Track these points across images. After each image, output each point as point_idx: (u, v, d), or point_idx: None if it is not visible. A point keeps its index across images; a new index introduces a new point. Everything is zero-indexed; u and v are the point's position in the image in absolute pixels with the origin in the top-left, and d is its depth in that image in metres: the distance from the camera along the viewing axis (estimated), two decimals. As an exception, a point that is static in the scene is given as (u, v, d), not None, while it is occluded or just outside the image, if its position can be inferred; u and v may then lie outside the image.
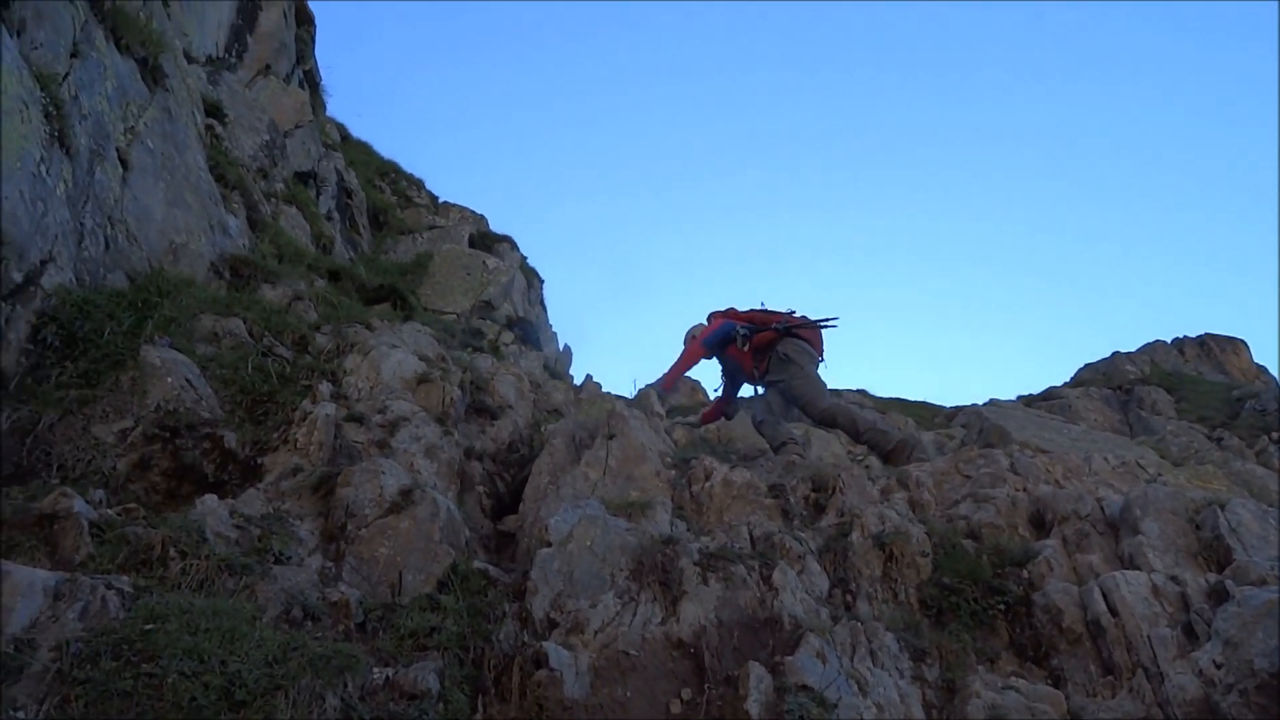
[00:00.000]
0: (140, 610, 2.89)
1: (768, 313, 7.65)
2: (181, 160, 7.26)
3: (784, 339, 7.37)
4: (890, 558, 4.94)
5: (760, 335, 7.44)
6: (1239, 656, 3.70)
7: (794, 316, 7.55)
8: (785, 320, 7.46)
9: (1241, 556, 4.60)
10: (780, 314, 7.59)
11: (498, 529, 5.62)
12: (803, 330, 7.43)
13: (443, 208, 19.19)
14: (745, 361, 7.52)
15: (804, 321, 7.47)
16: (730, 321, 7.53)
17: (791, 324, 7.43)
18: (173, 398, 4.82)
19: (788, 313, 7.60)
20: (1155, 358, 30.01)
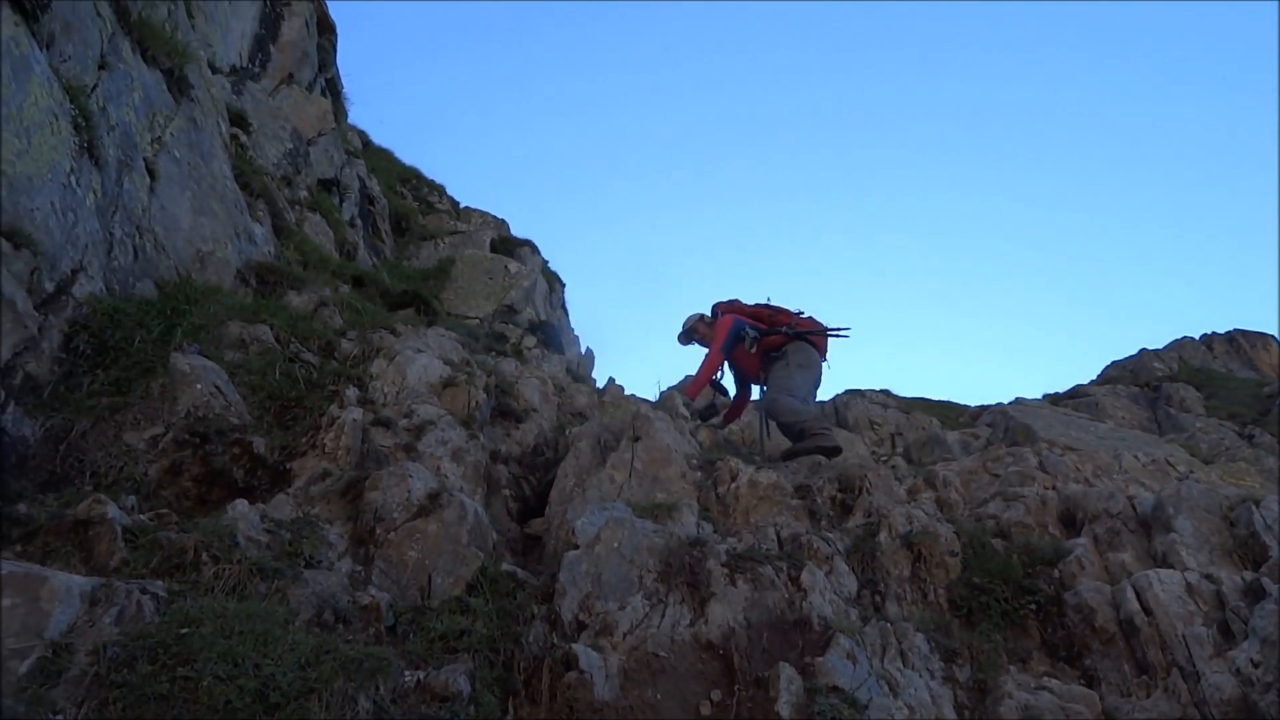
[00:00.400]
0: (175, 614, 2.92)
1: (775, 310, 7.58)
2: (207, 169, 7.33)
3: (791, 342, 7.30)
4: (919, 558, 4.91)
5: (768, 339, 7.38)
6: (1277, 655, 3.65)
7: (802, 318, 7.47)
8: (795, 324, 7.39)
9: (1277, 553, 4.54)
10: (789, 313, 7.51)
11: (524, 532, 5.63)
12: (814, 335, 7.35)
13: (464, 213, 19.29)
14: (751, 364, 7.46)
15: (813, 327, 7.39)
16: (740, 320, 7.45)
17: (801, 328, 7.35)
18: (202, 404, 4.87)
19: (796, 313, 7.52)
20: (1183, 354, 29.68)
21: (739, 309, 7.63)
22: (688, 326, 7.95)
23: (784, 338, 7.30)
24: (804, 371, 7.19)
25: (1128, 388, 26.05)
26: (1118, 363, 29.93)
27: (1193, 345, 30.61)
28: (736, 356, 7.51)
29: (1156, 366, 28.21)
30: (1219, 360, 29.70)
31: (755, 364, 7.43)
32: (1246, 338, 31.00)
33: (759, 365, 7.42)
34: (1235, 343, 30.81)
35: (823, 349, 7.42)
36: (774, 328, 7.39)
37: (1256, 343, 30.81)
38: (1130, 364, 29.27)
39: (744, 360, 7.47)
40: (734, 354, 7.50)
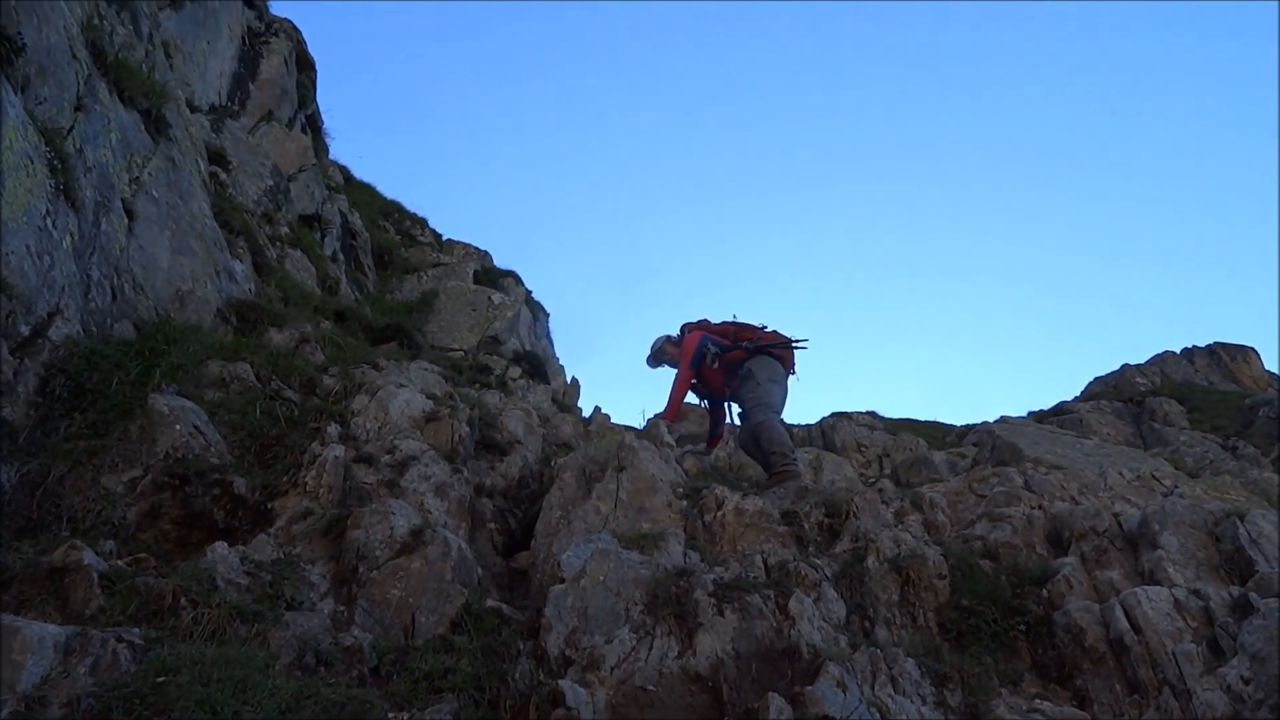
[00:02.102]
0: (152, 663, 2.86)
1: (740, 326, 7.62)
2: (186, 208, 7.31)
3: (754, 356, 7.34)
4: (907, 581, 4.89)
5: (730, 354, 7.41)
6: (1267, 671, 3.64)
7: (766, 332, 7.52)
8: (756, 339, 7.44)
9: (1264, 568, 4.54)
10: (753, 328, 7.56)
11: (510, 566, 5.58)
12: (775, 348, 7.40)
13: (446, 245, 19.31)
14: (716, 379, 7.50)
15: (774, 339, 7.44)
16: (705, 337, 7.50)
17: (762, 341, 7.40)
18: (181, 445, 4.82)
19: (760, 327, 7.57)
20: (1165, 369, 29.89)
21: (705, 327, 7.66)
22: (656, 349, 7.97)
23: (745, 353, 7.34)
24: (773, 384, 7.22)
25: (1111, 403, 26.20)
26: (1100, 378, 30.11)
27: (1174, 359, 30.85)
28: (702, 374, 7.54)
29: (1139, 381, 28.39)
30: (1200, 373, 29.92)
31: (719, 380, 7.46)
32: (1227, 350, 31.27)
33: (723, 381, 7.45)
34: (1216, 355, 31.07)
35: (788, 362, 7.46)
36: (737, 343, 7.43)
37: (1237, 355, 31.08)
38: (1113, 379, 29.45)
39: (709, 376, 7.50)
40: (702, 372, 7.54)
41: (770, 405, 7.12)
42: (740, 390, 7.30)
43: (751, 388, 7.19)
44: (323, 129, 16.60)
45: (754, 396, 7.17)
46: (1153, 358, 30.96)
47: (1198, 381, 28.78)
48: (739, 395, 7.34)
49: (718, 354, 7.41)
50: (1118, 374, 29.73)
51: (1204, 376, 29.62)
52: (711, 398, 7.77)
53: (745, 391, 7.24)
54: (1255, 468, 17.29)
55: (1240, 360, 30.79)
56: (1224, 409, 24.82)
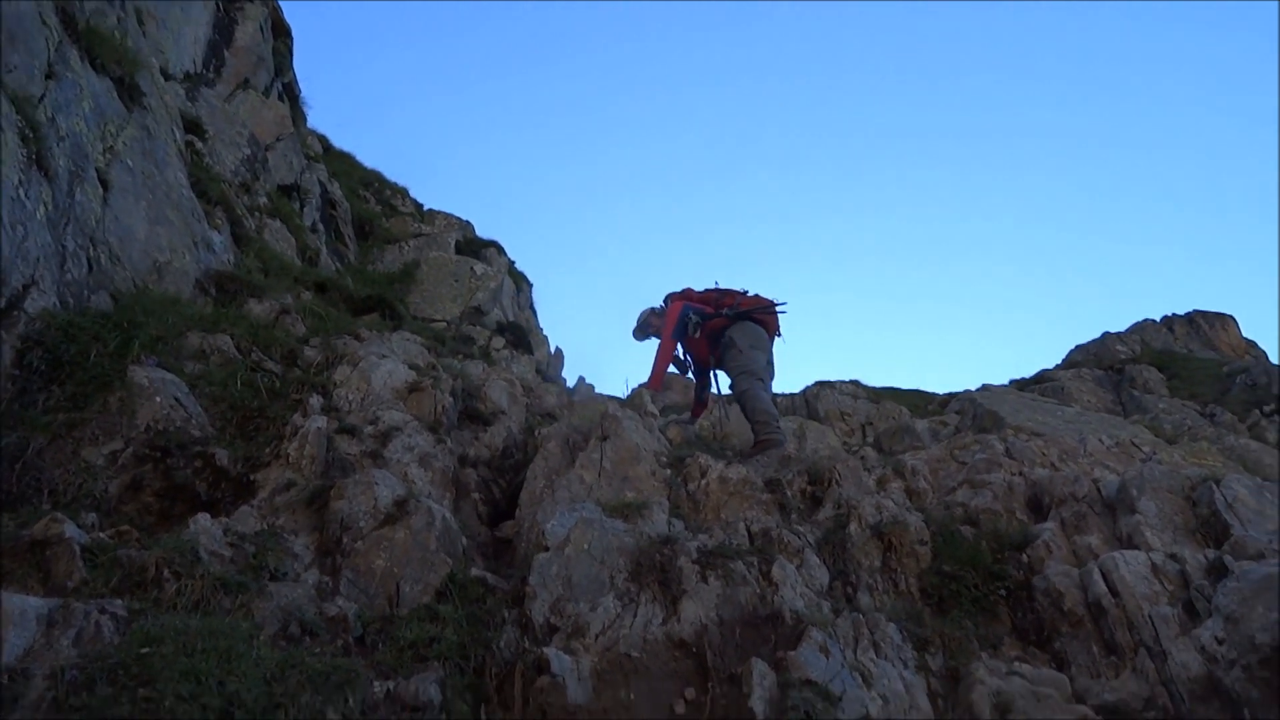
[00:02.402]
0: (135, 634, 2.86)
1: (722, 292, 7.63)
2: (162, 178, 7.22)
3: (734, 323, 7.36)
4: (889, 548, 4.93)
5: (712, 321, 7.43)
6: (1240, 632, 3.70)
7: (747, 297, 7.54)
8: (737, 304, 7.46)
9: (1239, 531, 4.60)
10: (735, 293, 7.58)
11: (494, 535, 5.59)
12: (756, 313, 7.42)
13: (428, 215, 19.16)
14: (701, 348, 7.52)
15: (753, 303, 7.46)
16: (687, 306, 7.51)
17: (743, 307, 7.42)
18: (162, 417, 4.79)
19: (741, 292, 7.59)
20: (1145, 337, 30.14)
21: (688, 296, 7.67)
22: (641, 321, 7.98)
23: (727, 320, 7.36)
24: (756, 350, 7.24)
25: (1092, 371, 26.43)
26: (1081, 346, 30.35)
27: (1154, 327, 31.11)
28: (687, 343, 7.57)
29: (1119, 349, 28.63)
30: (1180, 341, 30.20)
31: (704, 348, 7.49)
32: (1206, 318, 31.55)
33: (706, 350, 7.47)
34: (1195, 324, 31.34)
35: (771, 325, 7.49)
36: (719, 310, 7.45)
37: (1215, 323, 31.37)
38: (1094, 348, 29.69)
39: (693, 345, 7.52)
40: (685, 341, 7.56)
41: (753, 373, 7.15)
42: (724, 358, 7.33)
43: (734, 355, 7.22)
44: (300, 97, 16.37)
45: (737, 364, 7.19)
46: (1133, 326, 31.21)
47: (1177, 349, 29.06)
48: (723, 363, 7.37)
49: (699, 323, 7.42)
50: (1099, 342, 29.97)
51: (1183, 344, 29.90)
52: (698, 366, 7.79)
53: (729, 359, 7.27)
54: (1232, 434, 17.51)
55: (1219, 328, 31.08)
56: (1202, 376, 25.08)
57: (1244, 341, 30.79)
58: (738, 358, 7.22)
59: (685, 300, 7.59)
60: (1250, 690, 3.53)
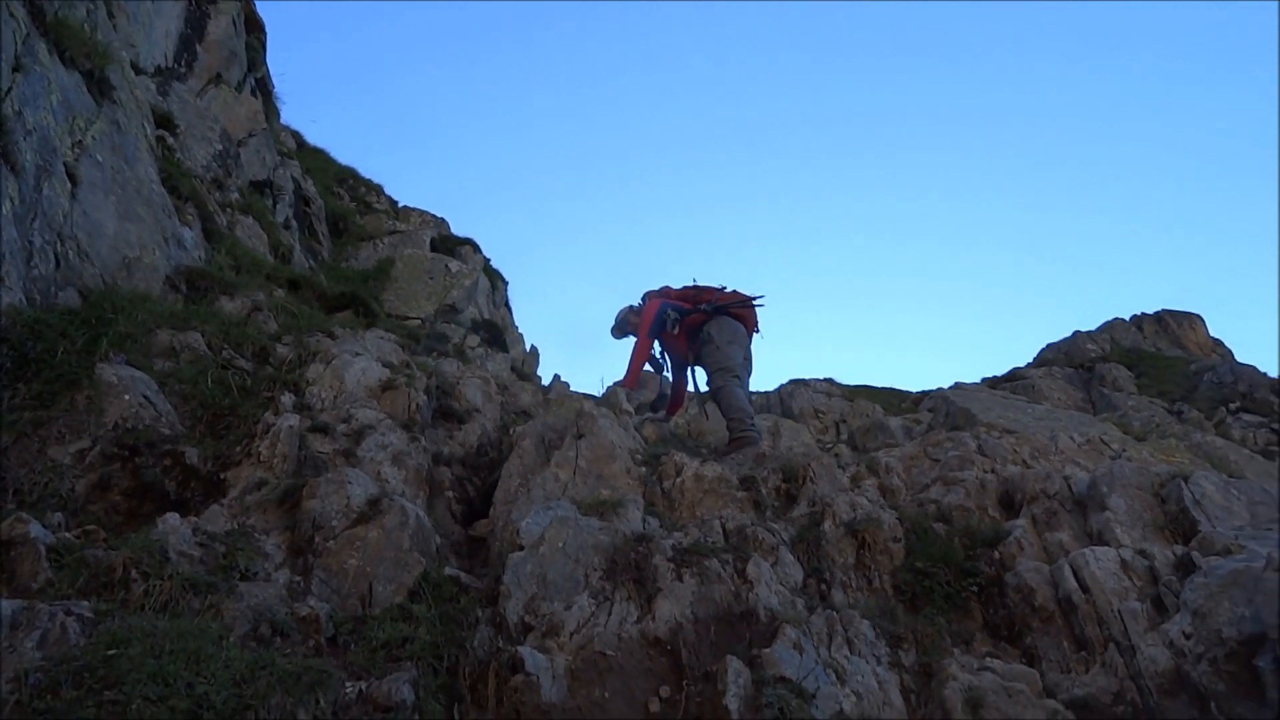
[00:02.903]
0: (102, 636, 2.82)
1: (700, 289, 7.63)
2: (132, 173, 7.12)
3: (712, 319, 7.37)
4: (863, 545, 4.95)
5: (690, 317, 7.44)
6: (1207, 626, 3.75)
7: (725, 293, 7.55)
8: (715, 300, 7.47)
9: (1206, 528, 4.67)
10: (713, 290, 7.59)
11: (468, 534, 5.57)
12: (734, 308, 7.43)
13: (403, 212, 19.04)
14: (680, 345, 7.52)
15: (731, 299, 7.47)
16: (664, 304, 7.50)
17: (721, 302, 7.43)
18: (131, 415, 4.72)
19: (719, 289, 7.60)
20: (1115, 335, 30.48)
21: (666, 294, 7.66)
22: (620, 319, 7.96)
23: (704, 315, 7.37)
24: (733, 346, 7.25)
25: (1062, 369, 26.69)
26: (1052, 345, 30.64)
27: (1123, 326, 31.46)
28: (665, 340, 7.56)
29: (1089, 348, 28.94)
30: (1149, 340, 30.56)
31: (682, 345, 7.48)
32: (1174, 317, 31.95)
33: (685, 346, 7.47)
34: (1164, 322, 31.73)
35: (749, 321, 7.50)
36: (696, 306, 7.45)
37: (1184, 322, 31.77)
38: (1064, 346, 29.99)
39: (671, 342, 7.52)
40: (664, 338, 7.55)
41: (729, 370, 7.15)
42: (702, 354, 7.33)
43: (711, 351, 7.22)
44: (273, 93, 16.21)
45: (714, 361, 7.20)
46: (1103, 325, 31.54)
47: (1146, 348, 29.41)
48: (701, 359, 7.37)
49: (678, 319, 7.41)
50: (1069, 340, 30.27)
51: (1152, 343, 30.26)
52: (677, 363, 7.78)
53: (706, 355, 7.28)
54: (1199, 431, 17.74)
55: (1187, 327, 31.49)
56: (1170, 374, 25.41)
57: (1211, 340, 31.21)
58: (715, 354, 7.23)
59: (663, 298, 7.58)
60: (1217, 684, 3.58)
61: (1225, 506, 4.91)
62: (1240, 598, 3.72)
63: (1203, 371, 24.85)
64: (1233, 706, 3.52)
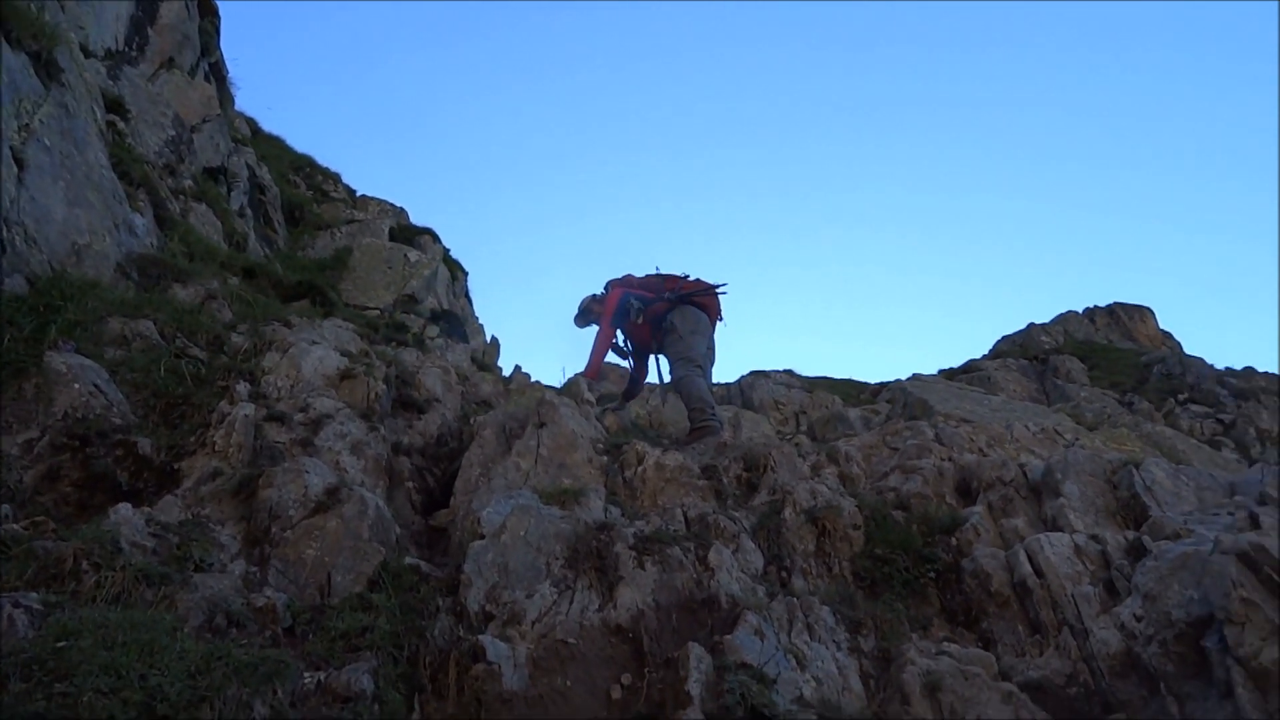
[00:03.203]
0: (51, 628, 2.75)
1: (663, 278, 7.63)
2: (82, 158, 6.95)
3: (675, 308, 7.37)
4: (823, 532, 4.99)
5: (653, 306, 7.43)
6: (1157, 609, 3.83)
7: (688, 282, 7.55)
8: (678, 288, 7.47)
9: (1156, 513, 4.77)
10: (676, 278, 7.58)
11: (429, 524, 5.52)
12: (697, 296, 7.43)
13: (361, 201, 18.80)
14: (642, 333, 7.51)
15: (694, 287, 7.47)
16: (626, 293, 7.49)
17: (684, 290, 7.43)
18: (81, 405, 4.62)
19: (682, 277, 7.59)
20: (1068, 328, 31.03)
21: (629, 282, 7.64)
22: (583, 308, 7.92)
23: (668, 304, 7.36)
24: (696, 336, 7.25)
25: (1017, 361, 27.11)
26: (1007, 337, 31.12)
27: (1076, 319, 32.03)
28: (628, 330, 7.53)
29: (1043, 340, 29.43)
30: (1100, 332, 31.14)
31: (645, 334, 7.46)
32: (1125, 310, 32.59)
33: (649, 335, 7.45)
34: (1115, 315, 32.35)
35: (712, 310, 7.50)
36: (659, 295, 7.44)
37: (1135, 315, 32.43)
38: (1019, 338, 30.47)
39: (634, 332, 7.50)
40: (626, 328, 7.53)
41: (692, 360, 7.15)
42: (665, 342, 7.32)
43: (674, 341, 7.21)
44: (227, 78, 15.91)
45: (677, 350, 7.19)
46: (1057, 317, 32.09)
47: (1098, 340, 29.96)
48: (664, 349, 7.36)
49: (641, 309, 7.39)
50: (1024, 333, 30.76)
51: (1104, 335, 30.84)
52: (639, 351, 7.75)
53: (669, 345, 7.26)
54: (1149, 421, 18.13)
55: (1138, 319, 32.13)
56: (1121, 366, 25.92)
57: (1160, 333, 31.89)
58: (678, 344, 7.22)
59: (625, 287, 7.55)
60: (1166, 665, 3.66)
61: (1175, 492, 5.02)
62: (1189, 580, 3.81)
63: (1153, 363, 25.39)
64: (1181, 686, 3.60)
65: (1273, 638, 3.32)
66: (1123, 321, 31.95)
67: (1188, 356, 25.90)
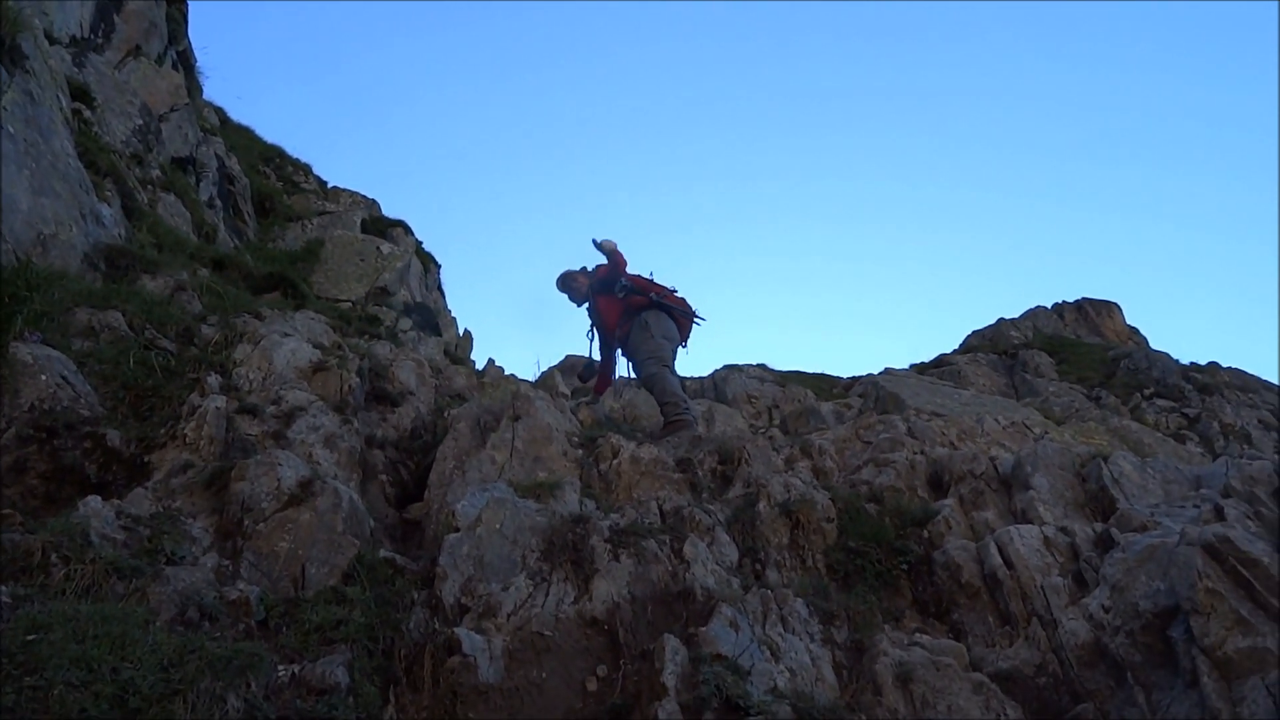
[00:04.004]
0: (20, 620, 2.71)
1: (652, 282, 7.69)
2: (47, 146, 6.84)
3: (653, 309, 7.43)
4: (797, 525, 5.02)
5: (635, 297, 7.47)
6: (1125, 600, 3.89)
7: (673, 295, 7.63)
8: (663, 294, 7.53)
9: (1124, 505, 4.84)
10: (664, 287, 7.66)
11: (403, 517, 5.50)
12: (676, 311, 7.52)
13: (332, 193, 18.63)
14: (611, 314, 7.52)
15: (678, 303, 7.57)
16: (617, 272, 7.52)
17: (667, 301, 7.50)
18: (48, 396, 4.55)
19: (670, 289, 7.67)
20: (1037, 323, 31.33)
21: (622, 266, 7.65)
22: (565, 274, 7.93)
23: (648, 301, 7.41)
24: (666, 341, 7.33)
25: (987, 356, 27.35)
26: (978, 332, 31.36)
27: (1045, 314, 32.34)
28: (600, 304, 7.56)
29: (1013, 335, 29.71)
30: (1069, 328, 31.47)
31: (615, 314, 7.48)
32: (1093, 305, 32.95)
33: (618, 318, 7.47)
34: (1083, 310, 32.70)
35: (684, 330, 7.58)
36: (644, 292, 7.49)
37: (1102, 310, 32.80)
38: (989, 333, 30.72)
39: (606, 308, 7.52)
40: (600, 302, 7.56)
41: (662, 359, 7.22)
42: (632, 335, 7.34)
43: (645, 338, 7.25)
44: (196, 66, 15.70)
45: (646, 348, 7.23)
46: (1026, 312, 32.38)
47: (1066, 335, 30.28)
48: (630, 341, 7.38)
49: (626, 288, 7.44)
50: (994, 328, 31.03)
51: (1072, 330, 31.17)
52: (604, 335, 7.77)
53: (638, 338, 7.29)
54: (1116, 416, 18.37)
55: (1105, 315, 32.50)
56: (1089, 361, 26.22)
57: (1127, 328, 32.30)
58: (648, 342, 7.26)
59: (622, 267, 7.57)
60: (1134, 655, 3.72)
61: (1142, 485, 5.11)
62: (1155, 571, 3.88)
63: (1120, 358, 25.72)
64: (1148, 676, 3.66)
65: (1237, 628, 3.38)
66: (1090, 317, 32.31)
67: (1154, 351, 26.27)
